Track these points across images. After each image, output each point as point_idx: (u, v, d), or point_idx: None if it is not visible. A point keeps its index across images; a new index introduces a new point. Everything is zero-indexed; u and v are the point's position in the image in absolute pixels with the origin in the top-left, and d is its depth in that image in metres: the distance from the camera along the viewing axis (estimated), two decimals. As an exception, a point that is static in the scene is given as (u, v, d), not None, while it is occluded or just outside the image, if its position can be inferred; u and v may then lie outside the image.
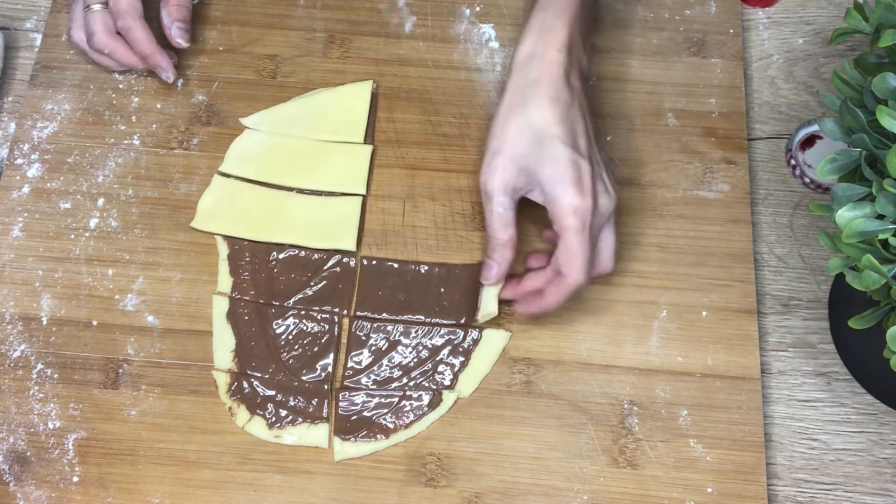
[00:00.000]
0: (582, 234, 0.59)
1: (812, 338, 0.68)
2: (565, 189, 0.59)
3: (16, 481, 0.62)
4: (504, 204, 0.61)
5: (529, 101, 0.60)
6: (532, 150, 0.59)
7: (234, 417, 0.64)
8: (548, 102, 0.59)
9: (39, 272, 0.68)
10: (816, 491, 0.64)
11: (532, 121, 0.59)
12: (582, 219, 0.59)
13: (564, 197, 0.59)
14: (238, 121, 0.73)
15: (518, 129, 0.60)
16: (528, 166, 0.60)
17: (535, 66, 0.60)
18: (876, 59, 0.54)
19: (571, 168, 0.59)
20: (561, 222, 0.59)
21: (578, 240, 0.59)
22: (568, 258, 0.59)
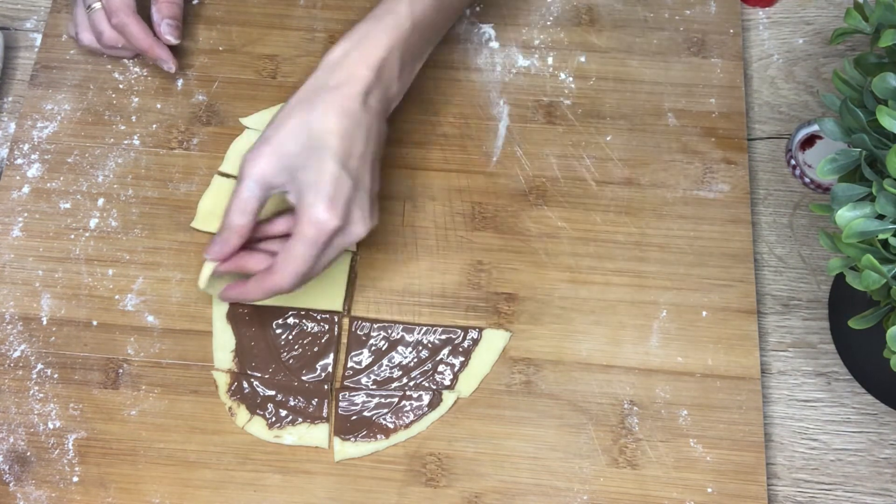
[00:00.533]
0: (310, 246, 0.57)
1: (812, 338, 0.68)
2: (317, 200, 0.57)
3: (16, 481, 0.62)
4: (252, 190, 0.58)
5: (318, 104, 0.58)
6: (301, 153, 0.57)
7: (234, 417, 0.64)
8: (335, 113, 0.58)
9: (39, 272, 0.68)
10: (816, 491, 0.64)
11: (313, 125, 0.58)
12: (318, 233, 0.57)
13: (313, 207, 0.57)
14: (238, 121, 0.73)
15: (296, 128, 0.58)
16: (292, 166, 0.58)
17: (339, 73, 0.59)
18: (876, 59, 0.54)
19: (332, 183, 0.57)
20: (298, 227, 0.57)
21: (305, 250, 0.57)
22: (285, 261, 0.58)
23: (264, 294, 0.59)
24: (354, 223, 0.59)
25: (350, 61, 0.59)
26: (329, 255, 0.59)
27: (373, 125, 0.60)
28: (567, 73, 0.74)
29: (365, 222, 0.59)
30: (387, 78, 0.60)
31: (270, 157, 0.58)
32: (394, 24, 0.60)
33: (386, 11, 0.61)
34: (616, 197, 0.70)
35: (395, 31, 0.60)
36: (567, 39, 0.76)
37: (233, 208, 0.59)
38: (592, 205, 0.70)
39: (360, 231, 0.59)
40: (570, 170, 0.71)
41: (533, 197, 0.70)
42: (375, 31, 0.60)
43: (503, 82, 0.74)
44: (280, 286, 0.58)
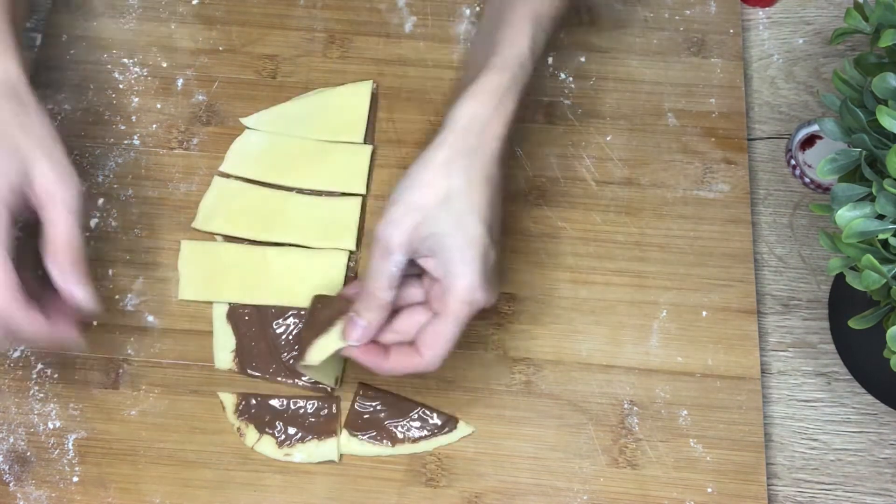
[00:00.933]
0: (460, 326, 0.53)
1: (812, 338, 0.68)
2: (471, 274, 0.52)
3: (16, 481, 0.62)
4: (400, 264, 0.53)
5: (465, 169, 0.53)
6: (450, 220, 0.52)
7: (242, 438, 0.63)
8: (478, 177, 0.53)
9: (40, 272, 0.68)
10: (816, 491, 0.64)
11: (461, 191, 0.53)
12: (471, 311, 0.53)
13: (466, 281, 0.52)
14: (238, 121, 0.73)
15: (444, 193, 0.53)
16: (441, 233, 0.52)
17: (476, 131, 0.54)
18: (876, 59, 0.54)
19: (483, 255, 0.53)
20: (450, 304, 0.53)
21: (454, 329, 0.53)
22: (434, 340, 0.53)
23: (403, 372, 0.55)
24: (491, 296, 0.54)
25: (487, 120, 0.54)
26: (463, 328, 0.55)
27: (500, 192, 0.55)
28: (567, 73, 0.74)
29: (496, 293, 0.55)
30: (511, 127, 0.56)
31: (417, 222, 0.52)
32: (521, 76, 0.56)
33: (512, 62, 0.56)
34: (616, 197, 0.70)
35: (522, 86, 0.56)
36: (567, 39, 0.76)
37: (380, 283, 0.54)
38: (592, 205, 0.70)
39: (491, 300, 0.54)
40: (569, 170, 0.71)
41: (533, 197, 0.70)
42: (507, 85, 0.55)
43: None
44: (427, 367, 0.54)
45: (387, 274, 0.53)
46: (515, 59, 0.56)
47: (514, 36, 0.57)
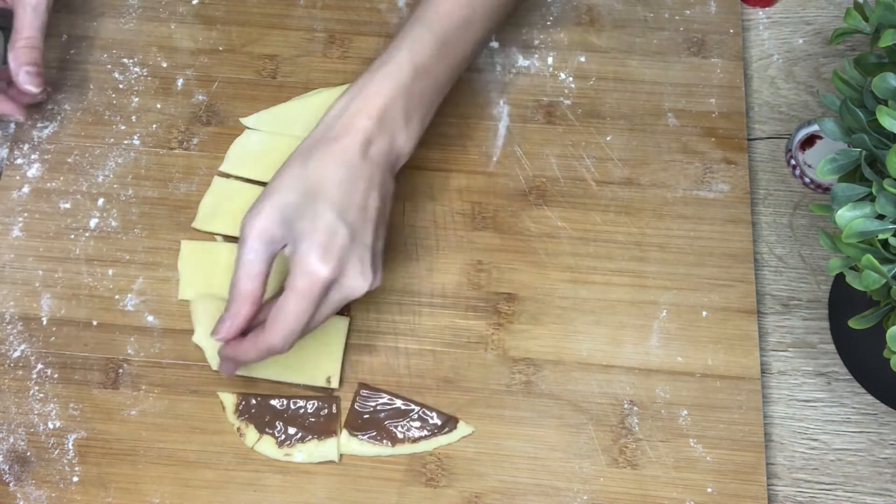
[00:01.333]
0: (303, 300, 0.54)
1: (812, 338, 0.68)
2: (310, 249, 0.54)
3: (16, 481, 0.62)
4: (256, 251, 0.55)
5: (316, 155, 0.56)
6: (299, 203, 0.55)
7: (242, 438, 0.63)
8: (332, 162, 0.56)
9: (39, 272, 0.68)
10: (816, 491, 0.64)
11: (310, 175, 0.56)
12: (311, 285, 0.54)
13: (306, 257, 0.54)
14: (238, 121, 0.73)
15: (293, 179, 0.56)
16: (291, 218, 0.55)
17: (338, 125, 0.57)
18: (876, 59, 0.54)
19: (326, 232, 0.54)
20: (291, 280, 0.54)
21: (296, 304, 0.54)
22: (277, 318, 0.54)
23: (258, 355, 0.56)
24: (351, 277, 0.56)
25: (349, 112, 0.57)
26: (324, 312, 0.56)
27: (375, 177, 0.57)
28: (567, 73, 0.74)
29: (365, 277, 0.56)
30: (390, 128, 0.58)
31: (270, 211, 0.55)
32: (394, 71, 0.58)
33: (384, 61, 0.59)
34: (616, 197, 0.70)
35: (395, 79, 0.58)
36: (567, 39, 0.76)
37: (238, 274, 0.56)
38: (592, 205, 0.70)
39: (358, 286, 0.56)
40: (570, 170, 0.71)
41: (533, 197, 0.70)
42: (374, 81, 0.58)
43: (503, 82, 0.74)
44: (273, 345, 0.55)
45: (245, 263, 0.56)
46: (388, 59, 0.59)
47: (394, 42, 0.60)
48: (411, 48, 0.59)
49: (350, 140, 0.56)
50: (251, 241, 0.55)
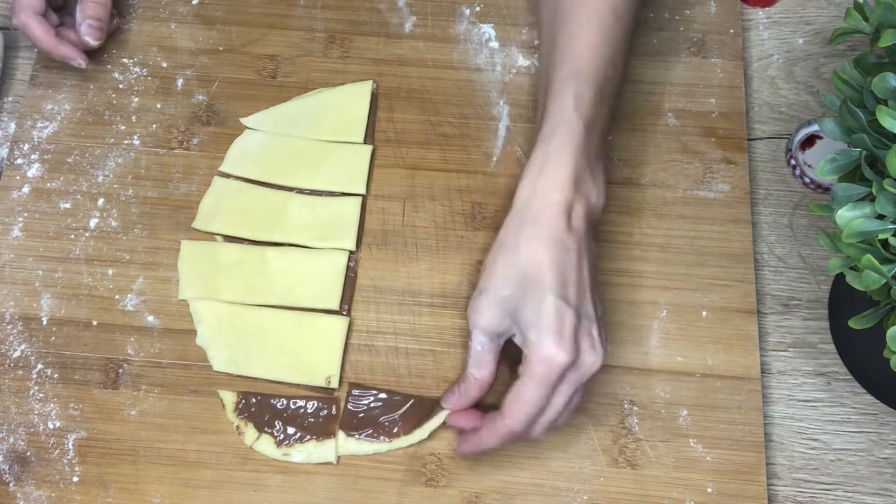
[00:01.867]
0: (541, 385, 0.55)
1: (812, 338, 0.68)
2: (542, 337, 0.54)
3: (16, 481, 0.62)
4: (483, 344, 0.57)
5: (522, 241, 0.56)
6: (517, 294, 0.56)
7: (241, 436, 0.63)
8: (540, 245, 0.55)
9: (39, 272, 0.68)
10: (816, 491, 0.64)
11: (521, 263, 0.56)
12: (549, 371, 0.54)
13: (540, 345, 0.54)
14: (238, 121, 0.73)
15: (506, 271, 0.56)
16: (512, 310, 0.56)
17: (534, 206, 0.57)
18: (876, 59, 0.54)
19: (555, 317, 0.54)
20: (527, 368, 0.55)
21: (533, 389, 0.55)
22: (514, 403, 0.55)
23: (498, 441, 0.57)
24: (585, 354, 0.56)
25: (540, 191, 0.57)
26: (564, 393, 0.56)
27: (582, 246, 0.57)
28: (567, 73, 0.74)
29: (597, 351, 0.56)
30: (583, 191, 0.58)
31: (489, 306, 0.56)
32: (568, 136, 0.57)
33: (555, 127, 0.58)
34: (616, 197, 0.70)
35: (572, 144, 0.57)
36: (567, 39, 0.76)
37: (469, 363, 0.58)
38: (592, 205, 0.70)
39: (594, 361, 0.56)
40: (570, 170, 0.71)
41: (533, 197, 0.70)
42: (554, 152, 0.57)
43: (503, 82, 0.74)
44: (511, 429, 0.56)
45: (472, 353, 0.58)
46: (559, 124, 0.58)
47: (555, 102, 0.59)
48: (577, 107, 0.58)
49: (550, 217, 0.56)
50: (478, 336, 0.57)
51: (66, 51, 0.71)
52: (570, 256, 0.56)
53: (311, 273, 0.67)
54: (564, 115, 0.58)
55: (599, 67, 0.60)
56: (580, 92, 0.59)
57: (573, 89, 0.59)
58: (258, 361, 0.65)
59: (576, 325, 0.55)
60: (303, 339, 0.65)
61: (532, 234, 0.56)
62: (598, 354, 0.56)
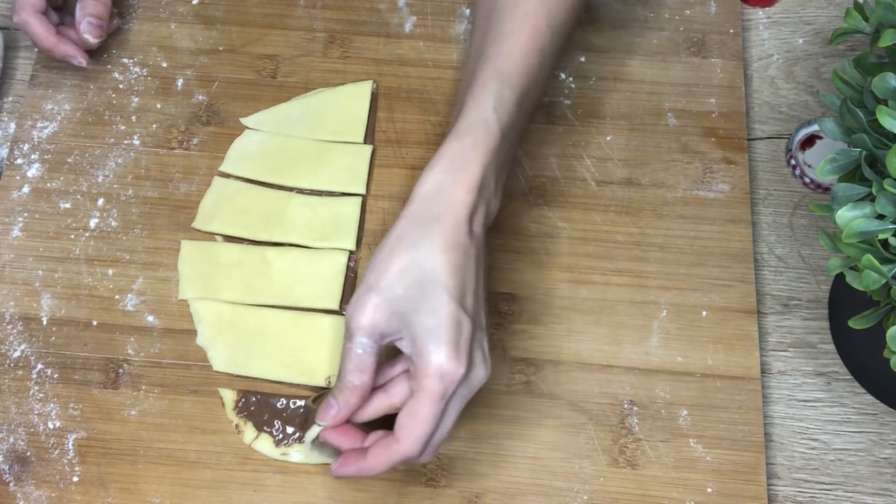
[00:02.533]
0: (437, 403, 0.50)
1: (812, 338, 0.68)
2: (439, 347, 0.50)
3: (16, 481, 0.62)
4: (364, 346, 0.52)
5: (423, 240, 0.51)
6: (411, 295, 0.51)
7: (241, 435, 0.63)
8: (443, 247, 0.51)
9: (39, 272, 0.68)
10: (816, 491, 0.64)
11: (420, 263, 0.51)
12: (446, 386, 0.50)
13: (435, 355, 0.50)
14: (238, 121, 0.73)
15: (401, 269, 0.51)
16: (404, 311, 0.51)
17: (439, 202, 0.52)
18: (876, 59, 0.54)
19: (452, 326, 0.50)
20: (421, 382, 0.50)
21: (430, 408, 0.50)
22: (410, 423, 0.50)
23: (387, 467, 0.52)
24: (477, 368, 0.52)
25: (448, 187, 0.53)
26: (452, 411, 0.52)
27: (480, 253, 0.54)
28: (567, 73, 0.74)
29: (486, 365, 0.53)
30: (486, 196, 0.54)
31: (379, 305, 0.51)
32: (484, 136, 0.54)
33: (472, 125, 0.55)
34: (616, 197, 0.70)
35: (486, 145, 0.54)
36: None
37: (347, 368, 0.52)
38: (592, 205, 0.70)
39: (483, 376, 0.52)
40: (569, 170, 0.71)
41: (533, 197, 0.70)
42: (467, 149, 0.54)
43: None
44: (407, 454, 0.51)
45: (352, 357, 0.52)
46: (477, 122, 0.55)
47: (476, 99, 0.56)
48: (497, 109, 0.55)
49: (454, 218, 0.52)
50: (360, 337, 0.52)
51: (66, 49, 0.70)
52: (469, 262, 0.52)
53: (311, 273, 0.67)
54: (483, 114, 0.55)
55: (525, 74, 0.57)
56: (502, 95, 0.56)
57: (496, 91, 0.56)
58: (258, 361, 0.65)
59: (471, 336, 0.51)
60: (303, 339, 0.65)
61: (434, 233, 0.51)
62: (488, 368, 0.53)
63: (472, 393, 0.53)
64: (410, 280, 0.51)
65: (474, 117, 0.55)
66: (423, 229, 0.52)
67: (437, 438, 0.52)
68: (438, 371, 0.50)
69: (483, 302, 0.54)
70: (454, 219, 0.52)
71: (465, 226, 0.52)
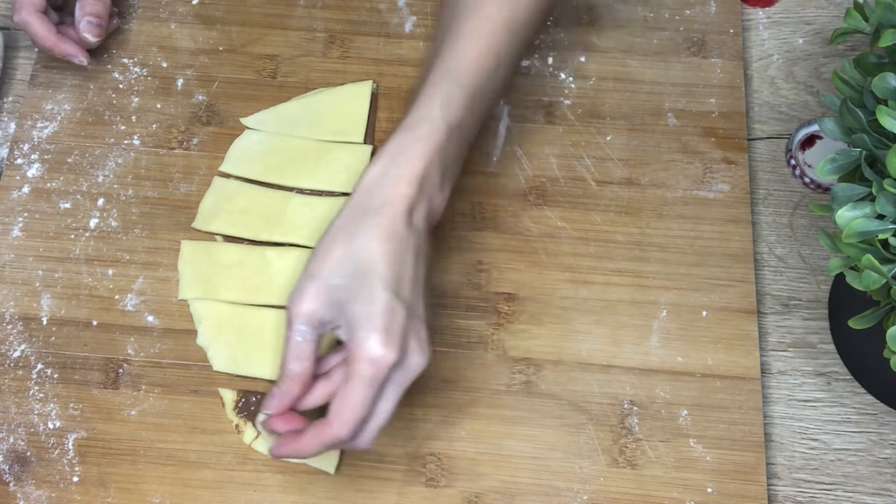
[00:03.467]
0: (368, 387, 0.52)
1: (812, 338, 0.68)
2: (370, 334, 0.52)
3: (16, 481, 0.62)
4: (304, 334, 0.53)
5: (361, 231, 0.53)
6: (349, 284, 0.53)
7: (241, 435, 0.63)
8: (379, 238, 0.53)
9: (39, 272, 0.68)
10: (816, 491, 0.64)
11: (358, 253, 0.53)
12: (376, 371, 0.52)
13: (367, 342, 0.52)
14: (238, 121, 0.73)
15: (340, 258, 0.53)
16: (342, 300, 0.53)
17: (379, 194, 0.54)
18: (876, 59, 0.54)
19: (385, 314, 0.52)
20: (353, 367, 0.52)
21: (362, 392, 0.52)
22: (341, 407, 0.52)
23: (320, 448, 0.53)
24: (412, 355, 0.53)
25: (389, 180, 0.54)
26: (390, 396, 0.53)
27: (420, 246, 0.55)
28: (567, 73, 0.74)
29: (423, 352, 0.54)
30: (429, 191, 0.55)
31: (318, 293, 0.53)
32: (428, 132, 0.56)
33: (418, 121, 0.56)
34: (616, 197, 0.70)
35: (431, 141, 0.55)
36: (567, 39, 0.76)
37: (287, 356, 0.54)
38: (592, 205, 0.70)
39: (419, 362, 0.54)
40: (570, 170, 0.71)
41: (533, 197, 0.70)
42: (411, 143, 0.55)
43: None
44: (338, 437, 0.52)
45: (292, 345, 0.53)
46: (423, 118, 0.56)
47: (426, 95, 0.57)
48: (444, 107, 0.57)
49: (393, 210, 0.53)
50: (298, 325, 0.53)
51: (66, 48, 0.70)
52: (408, 254, 0.54)
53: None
54: (430, 112, 0.56)
55: (477, 74, 0.58)
56: (451, 93, 0.57)
57: (445, 89, 0.57)
58: (258, 361, 0.65)
59: (405, 324, 0.53)
60: None
61: (372, 224, 0.53)
62: (425, 355, 0.54)
63: (410, 379, 0.54)
64: (349, 269, 0.53)
65: (421, 113, 0.56)
66: (363, 220, 0.53)
67: (375, 423, 0.53)
68: (369, 356, 0.52)
69: (422, 293, 0.55)
70: (393, 211, 0.53)
71: (403, 217, 0.54)
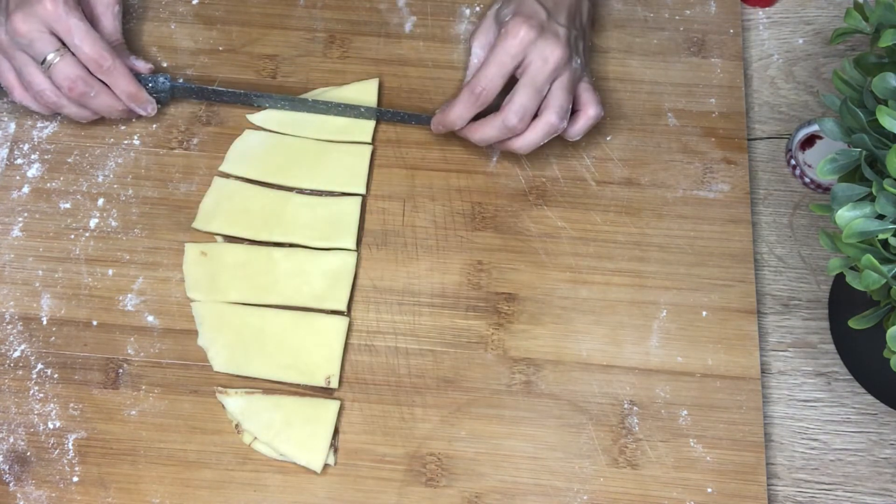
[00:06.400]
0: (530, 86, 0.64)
1: (812, 338, 0.68)
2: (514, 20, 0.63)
3: (16, 481, 0.62)
4: (479, 56, 0.68)
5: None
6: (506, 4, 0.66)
7: (241, 435, 0.63)
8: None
9: (39, 272, 0.68)
10: (816, 491, 0.64)
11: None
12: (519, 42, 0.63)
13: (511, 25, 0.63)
14: (238, 121, 0.73)
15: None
16: (501, 17, 0.66)
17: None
18: (876, 59, 0.54)
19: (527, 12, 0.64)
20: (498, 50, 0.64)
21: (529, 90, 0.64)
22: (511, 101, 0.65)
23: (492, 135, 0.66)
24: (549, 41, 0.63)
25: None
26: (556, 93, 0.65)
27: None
28: (567, 73, 0.74)
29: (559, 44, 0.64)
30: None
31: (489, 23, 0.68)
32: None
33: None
34: (616, 197, 0.70)
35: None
36: (567, 39, 0.76)
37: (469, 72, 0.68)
38: (592, 205, 0.70)
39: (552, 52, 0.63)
40: (570, 170, 0.71)
41: (533, 197, 0.70)
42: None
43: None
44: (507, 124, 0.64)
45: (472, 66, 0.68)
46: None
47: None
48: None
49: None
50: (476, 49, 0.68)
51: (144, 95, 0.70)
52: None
53: (319, 274, 0.67)
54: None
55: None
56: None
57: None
58: (258, 361, 0.65)
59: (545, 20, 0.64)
60: (303, 339, 0.65)
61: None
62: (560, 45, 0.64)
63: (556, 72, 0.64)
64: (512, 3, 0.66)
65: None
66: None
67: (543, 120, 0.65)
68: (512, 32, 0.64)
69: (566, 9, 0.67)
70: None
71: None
